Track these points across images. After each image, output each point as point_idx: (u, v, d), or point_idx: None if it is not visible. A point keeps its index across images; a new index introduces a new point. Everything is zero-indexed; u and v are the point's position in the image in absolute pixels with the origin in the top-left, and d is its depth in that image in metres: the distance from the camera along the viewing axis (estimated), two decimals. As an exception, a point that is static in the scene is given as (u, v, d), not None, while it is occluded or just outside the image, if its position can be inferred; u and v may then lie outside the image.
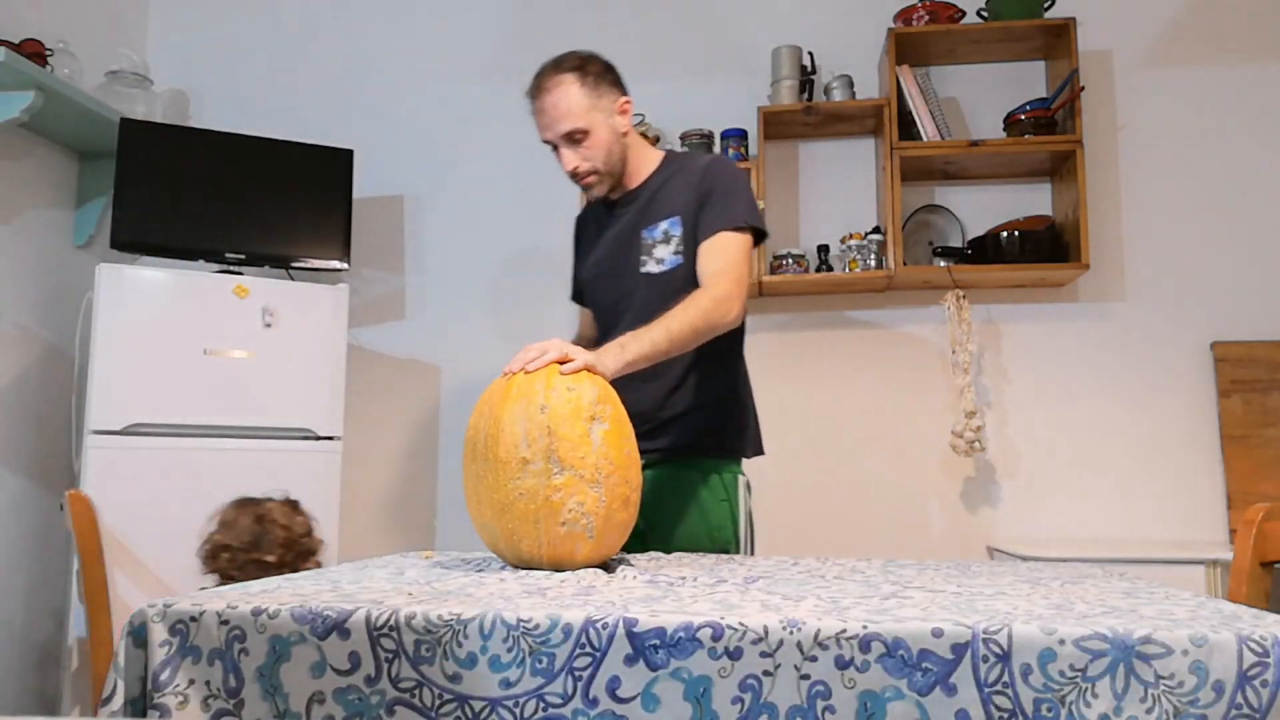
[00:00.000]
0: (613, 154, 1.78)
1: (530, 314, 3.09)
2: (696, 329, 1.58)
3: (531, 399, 1.29)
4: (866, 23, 2.96)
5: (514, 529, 1.26)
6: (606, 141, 1.76)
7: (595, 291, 1.93)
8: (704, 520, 1.74)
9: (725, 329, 1.65)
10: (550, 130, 1.76)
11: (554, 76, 1.74)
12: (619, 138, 1.79)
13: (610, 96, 1.77)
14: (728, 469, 1.78)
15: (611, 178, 1.81)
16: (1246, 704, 0.80)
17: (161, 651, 0.95)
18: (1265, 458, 2.68)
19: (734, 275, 1.67)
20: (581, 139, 1.74)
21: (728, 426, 1.80)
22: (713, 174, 1.76)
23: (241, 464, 2.54)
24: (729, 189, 1.74)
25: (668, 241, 1.77)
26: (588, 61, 1.76)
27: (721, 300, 1.62)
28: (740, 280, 1.68)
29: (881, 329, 2.93)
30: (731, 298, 1.64)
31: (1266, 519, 1.35)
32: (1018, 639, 0.84)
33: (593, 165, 1.77)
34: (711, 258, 1.70)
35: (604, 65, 1.78)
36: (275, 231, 2.80)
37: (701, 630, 0.87)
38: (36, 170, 2.79)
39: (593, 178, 1.79)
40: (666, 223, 1.78)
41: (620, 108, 1.79)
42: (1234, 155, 2.83)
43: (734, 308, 1.64)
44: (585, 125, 1.73)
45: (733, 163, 1.82)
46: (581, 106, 1.73)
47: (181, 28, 3.33)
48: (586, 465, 1.26)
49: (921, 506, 2.85)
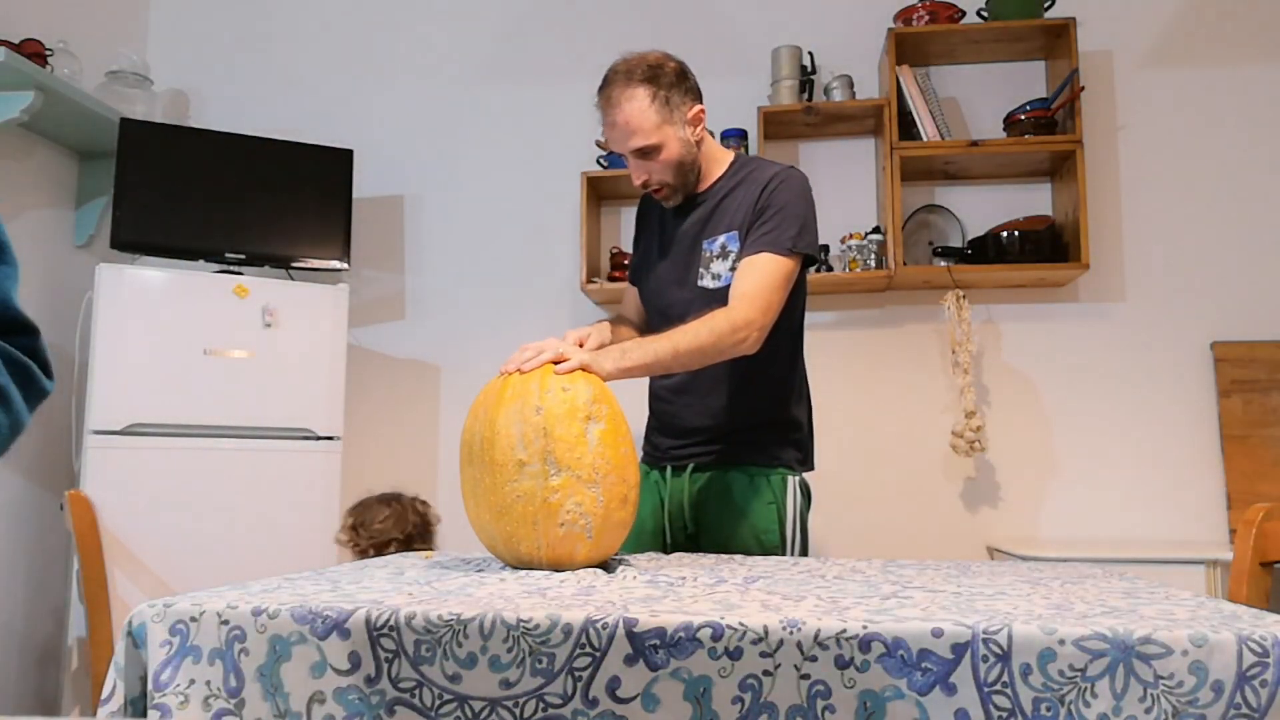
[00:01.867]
0: (685, 166, 1.70)
1: (530, 314, 3.09)
2: (704, 351, 1.53)
3: (526, 400, 1.28)
4: (866, 23, 2.96)
5: (512, 531, 1.26)
6: (678, 154, 1.68)
7: (649, 292, 1.87)
8: (751, 523, 1.71)
9: (737, 355, 1.58)
10: (619, 145, 1.68)
11: (625, 88, 1.64)
12: (692, 147, 1.71)
13: (684, 107, 1.67)
14: (776, 472, 1.75)
15: (684, 189, 1.74)
16: (1246, 704, 0.80)
17: (162, 652, 0.95)
18: (1265, 458, 2.68)
19: (761, 302, 1.59)
20: (653, 154, 1.66)
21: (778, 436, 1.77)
22: (771, 189, 1.68)
23: (241, 464, 2.54)
24: (785, 208, 1.66)
25: (725, 257, 1.71)
26: (660, 71, 1.65)
27: (739, 326, 1.55)
28: (768, 308, 1.60)
29: (881, 329, 2.93)
30: (751, 324, 1.56)
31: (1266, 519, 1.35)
32: (1018, 639, 0.84)
33: (663, 179, 1.70)
34: (745, 279, 1.62)
35: (677, 72, 1.68)
36: (275, 231, 2.80)
37: (701, 630, 0.87)
38: (36, 170, 2.79)
39: (665, 190, 1.72)
40: (725, 237, 1.71)
41: (694, 117, 1.69)
42: (1234, 155, 2.83)
43: (750, 336, 1.57)
44: (657, 141, 1.65)
45: (800, 179, 1.71)
46: (653, 123, 1.63)
47: (181, 28, 3.33)
48: (583, 465, 1.26)
49: (921, 506, 2.85)
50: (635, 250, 1.96)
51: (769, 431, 1.76)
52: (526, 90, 3.17)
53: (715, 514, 1.74)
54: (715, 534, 1.73)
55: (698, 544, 1.76)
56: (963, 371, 2.74)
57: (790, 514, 1.73)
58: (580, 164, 2.98)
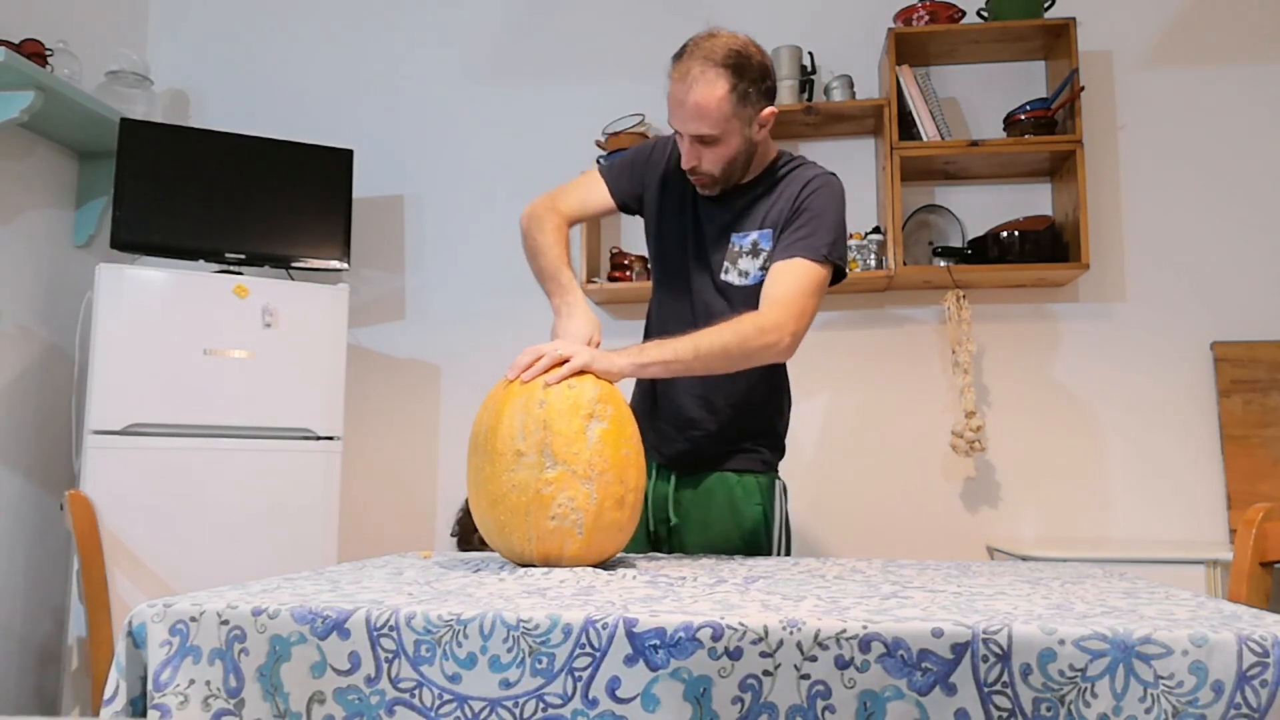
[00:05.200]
0: (736, 163, 1.65)
1: (530, 314, 3.09)
2: (729, 353, 1.49)
3: (532, 394, 1.31)
4: (866, 23, 2.96)
5: (505, 521, 1.28)
6: (735, 151, 1.63)
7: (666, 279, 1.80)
8: (737, 523, 1.70)
9: (765, 361, 1.55)
10: (680, 124, 1.61)
11: (706, 69, 1.56)
12: (752, 147, 1.65)
13: (756, 107, 1.60)
14: (763, 473, 1.74)
15: (727, 183, 1.69)
16: (1245, 704, 0.80)
17: (161, 652, 0.95)
18: (1265, 458, 2.68)
19: (795, 308, 1.54)
20: (712, 144, 1.61)
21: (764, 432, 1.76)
22: (809, 192, 1.64)
23: (241, 464, 2.54)
24: (821, 214, 1.62)
25: (755, 255, 1.67)
26: (747, 63, 1.57)
27: (768, 329, 1.51)
28: (802, 314, 1.55)
29: (881, 329, 2.93)
30: (782, 328, 1.52)
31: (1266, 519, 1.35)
32: (1017, 639, 0.84)
33: (712, 171, 1.65)
34: (777, 282, 1.58)
35: (760, 69, 1.60)
36: (275, 231, 2.80)
37: (701, 630, 0.87)
38: (36, 170, 2.79)
39: (707, 179, 1.67)
40: (757, 234, 1.67)
41: (763, 119, 1.62)
42: (1234, 155, 2.83)
43: (782, 340, 1.52)
44: (719, 133, 1.59)
45: (839, 188, 1.67)
46: (723, 114, 1.56)
47: (181, 28, 3.33)
48: (579, 461, 1.27)
49: (921, 506, 2.84)
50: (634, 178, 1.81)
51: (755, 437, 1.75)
52: (526, 90, 3.17)
53: (701, 514, 1.73)
54: (701, 534, 1.72)
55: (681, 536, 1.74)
56: (963, 371, 2.74)
57: (777, 514, 1.73)
58: (580, 164, 2.97)
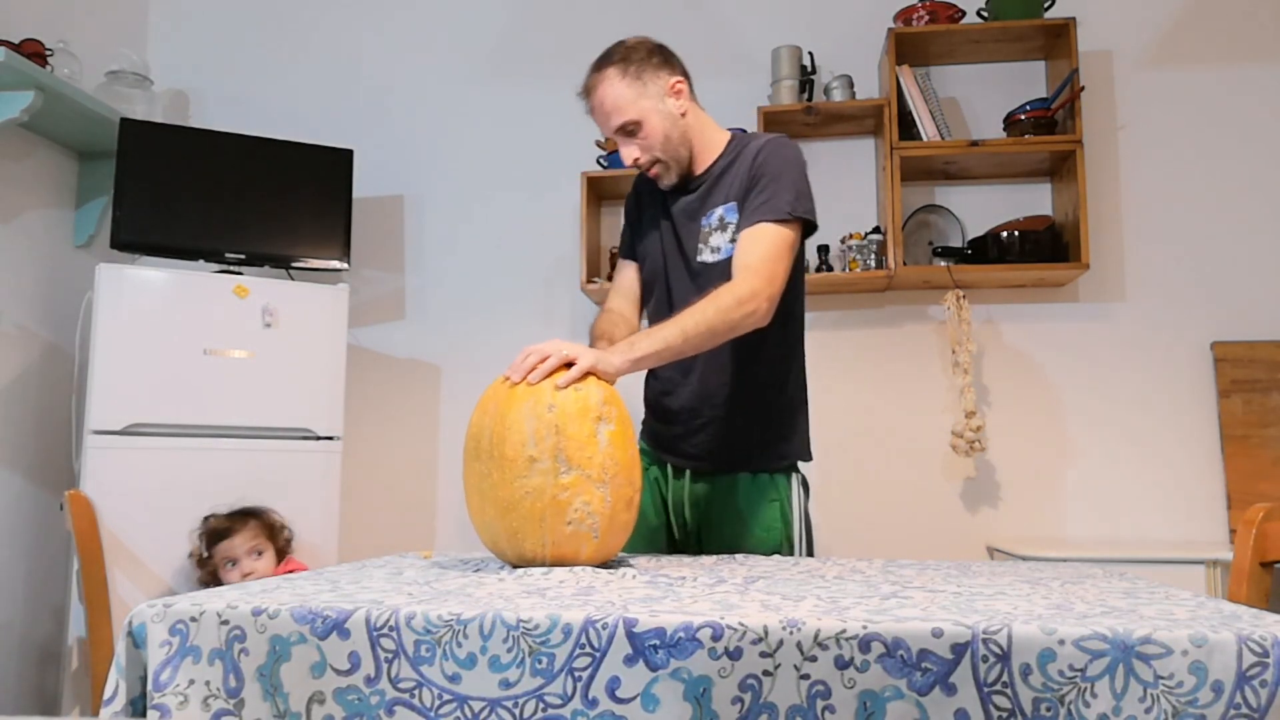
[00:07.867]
0: (671, 139, 1.70)
1: (530, 314, 3.09)
2: (714, 329, 1.51)
3: (539, 398, 1.29)
4: (866, 23, 2.96)
5: (518, 528, 1.26)
6: (662, 128, 1.68)
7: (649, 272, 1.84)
8: (755, 521, 1.70)
9: (748, 329, 1.57)
10: (604, 127, 1.71)
11: (597, 74, 1.69)
12: (676, 120, 1.70)
13: (658, 81, 1.69)
14: (781, 471, 1.74)
15: (678, 164, 1.73)
16: (1245, 704, 0.80)
17: (161, 652, 0.95)
18: (1265, 458, 2.68)
19: (766, 273, 1.57)
20: (635, 130, 1.68)
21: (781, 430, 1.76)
22: (763, 157, 1.67)
23: (241, 464, 2.54)
24: (779, 174, 1.65)
25: (724, 229, 1.70)
26: (630, 50, 1.69)
27: (745, 299, 1.53)
28: (773, 278, 1.58)
29: (881, 329, 2.93)
30: (757, 295, 1.54)
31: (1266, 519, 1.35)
32: (1017, 639, 0.84)
33: (653, 155, 1.70)
34: (745, 251, 1.61)
35: (649, 48, 1.71)
36: (275, 231, 2.80)
37: (701, 630, 0.87)
38: (36, 170, 2.79)
39: (657, 168, 1.72)
40: (722, 209, 1.70)
41: (672, 89, 1.70)
42: (1234, 155, 2.83)
43: (759, 307, 1.55)
44: (635, 116, 1.67)
45: (789, 145, 1.71)
46: (626, 99, 1.66)
47: (181, 28, 3.33)
48: (594, 465, 1.26)
49: (921, 506, 2.84)
50: (633, 230, 1.91)
51: (769, 429, 1.74)
52: (526, 90, 3.17)
53: (719, 513, 1.73)
54: (719, 532, 1.72)
55: (701, 540, 1.75)
56: (963, 371, 2.74)
57: (795, 511, 1.72)
58: (580, 164, 2.98)
